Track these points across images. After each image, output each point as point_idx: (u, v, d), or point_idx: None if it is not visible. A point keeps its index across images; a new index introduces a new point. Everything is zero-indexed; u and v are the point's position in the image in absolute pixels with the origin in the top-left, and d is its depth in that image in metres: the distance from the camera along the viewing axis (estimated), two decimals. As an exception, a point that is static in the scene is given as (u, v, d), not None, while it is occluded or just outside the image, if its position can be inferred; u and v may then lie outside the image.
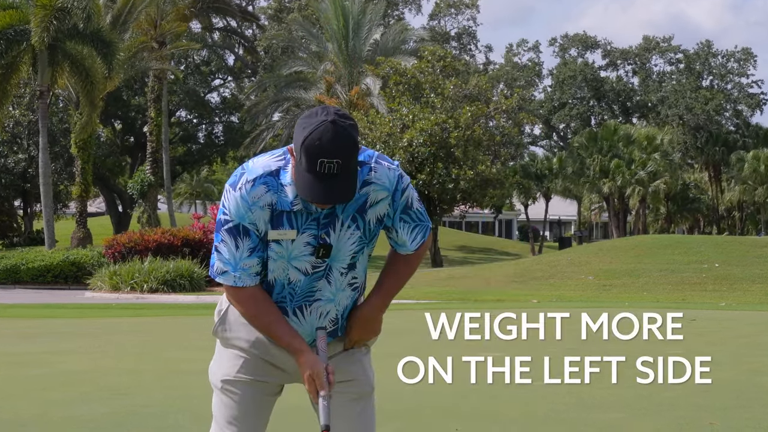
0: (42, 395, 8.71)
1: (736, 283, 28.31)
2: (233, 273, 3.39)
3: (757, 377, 9.63)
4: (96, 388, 9.11)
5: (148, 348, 13.18)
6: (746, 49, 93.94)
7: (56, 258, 34.07)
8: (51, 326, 17.04)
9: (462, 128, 44.17)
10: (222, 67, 72.60)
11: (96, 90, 39.45)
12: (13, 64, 38.50)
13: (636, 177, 72.83)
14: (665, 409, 8.39)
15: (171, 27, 49.25)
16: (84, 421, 7.40)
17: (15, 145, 57.54)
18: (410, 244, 3.48)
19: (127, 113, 63.37)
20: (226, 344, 3.57)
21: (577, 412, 8.14)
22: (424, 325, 7.34)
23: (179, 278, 29.27)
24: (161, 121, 51.51)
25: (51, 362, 11.24)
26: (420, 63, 48.32)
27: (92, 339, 14.37)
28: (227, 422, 3.51)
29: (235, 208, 3.34)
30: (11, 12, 38.02)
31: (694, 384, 7.83)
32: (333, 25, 54.54)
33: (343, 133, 3.18)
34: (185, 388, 8.67)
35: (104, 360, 11.65)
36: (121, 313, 20.83)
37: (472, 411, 8.19)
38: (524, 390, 8.53)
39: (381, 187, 3.38)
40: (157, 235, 32.36)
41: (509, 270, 33.78)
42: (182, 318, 18.82)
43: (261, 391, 3.54)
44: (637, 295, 26.23)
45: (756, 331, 14.99)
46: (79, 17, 38.04)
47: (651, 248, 34.72)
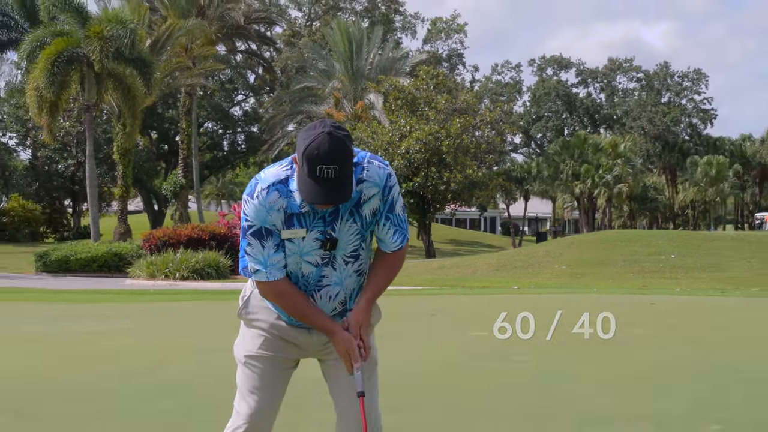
0: (91, 369, 8.74)
1: (690, 272, 28.34)
2: (264, 270, 3.39)
3: (706, 355, 9.63)
4: (137, 362, 9.15)
5: (181, 328, 13.22)
6: (698, 70, 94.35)
7: (101, 250, 34.10)
8: (96, 309, 17.06)
9: (452, 137, 44.18)
10: (244, 84, 72.66)
11: (136, 104, 39.55)
12: (65, 82, 38.53)
13: (603, 180, 72.90)
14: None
15: (201, 50, 49.31)
16: (129, 390, 7.43)
17: (65, 152, 57.61)
18: (390, 244, 3.48)
19: (162, 124, 63.39)
20: (248, 325, 3.59)
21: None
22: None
23: (207, 267, 29.29)
24: (191, 131, 51.57)
25: (97, 340, 11.28)
26: (416, 81, 48.32)
27: (132, 320, 14.40)
28: (249, 391, 3.52)
29: (256, 213, 3.34)
30: (64, 38, 38.08)
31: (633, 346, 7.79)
32: (339, 47, 54.54)
33: (339, 142, 3.19)
34: (213, 362, 8.69)
35: (143, 338, 11.68)
36: (157, 298, 20.84)
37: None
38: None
39: (372, 184, 3.38)
40: (188, 230, 32.38)
41: (493, 260, 33.80)
42: (210, 302, 18.84)
43: (279, 365, 3.55)
44: (603, 282, 26.23)
45: (707, 314, 15.00)
46: (124, 43, 38.08)
47: (616, 242, 34.75)
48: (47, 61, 37.25)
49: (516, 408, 6.64)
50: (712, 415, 6.31)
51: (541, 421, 6.22)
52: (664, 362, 8.97)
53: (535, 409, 6.64)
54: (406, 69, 54.58)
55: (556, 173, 74.54)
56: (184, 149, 52.26)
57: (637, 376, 8.14)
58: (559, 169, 74.24)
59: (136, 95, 39.15)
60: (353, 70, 53.63)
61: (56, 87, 37.68)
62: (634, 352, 9.73)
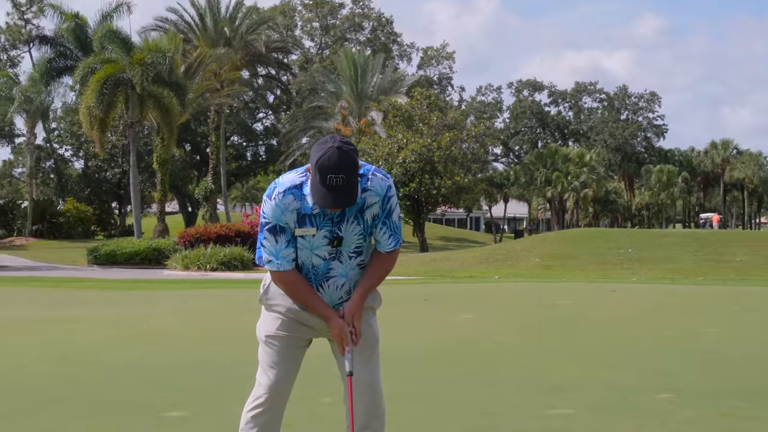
0: (135, 346, 8.77)
1: (645, 264, 28.31)
2: (276, 261, 3.39)
3: (658, 332, 9.65)
4: (175, 340, 9.17)
5: (211, 312, 13.23)
6: (652, 92, 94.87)
7: (142, 245, 34.13)
8: (139, 296, 17.09)
9: (443, 149, 44.19)
10: (264, 104, 72.57)
11: (173, 121, 39.57)
12: (112, 102, 38.57)
13: (571, 185, 72.96)
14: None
15: (227, 75, 49.32)
16: (168, 365, 7.45)
17: (112, 162, 57.64)
18: (385, 246, 3.47)
19: (195, 138, 63.39)
20: (268, 309, 3.59)
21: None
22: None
23: (233, 260, 29.31)
24: (219, 144, 51.58)
25: (140, 322, 11.31)
26: (411, 101, 48.33)
27: (169, 305, 14.43)
28: (269, 366, 3.52)
29: (272, 212, 3.35)
30: (112, 65, 38.11)
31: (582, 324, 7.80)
32: (346, 72, 54.52)
33: (346, 155, 3.19)
34: (238, 340, 8.71)
35: (179, 320, 11.69)
36: (191, 286, 20.86)
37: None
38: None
39: (374, 193, 3.38)
40: (217, 229, 32.40)
41: (477, 254, 33.81)
42: (235, 290, 18.86)
43: (294, 344, 3.55)
44: (571, 273, 26.23)
45: (659, 299, 15.01)
46: (163, 68, 38.12)
47: (582, 238, 34.76)
48: (97, 85, 37.29)
49: (495, 378, 6.66)
50: (663, 385, 6.32)
51: (517, 387, 6.24)
52: (622, 339, 8.99)
53: (512, 378, 6.66)
54: (402, 90, 54.52)
55: (531, 180, 74.56)
56: (213, 159, 52.24)
57: (599, 351, 8.16)
58: (533, 176, 74.27)
59: (173, 113, 39.16)
60: (358, 91, 53.61)
61: (105, 106, 37.73)
62: (597, 331, 9.74)
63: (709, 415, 5.27)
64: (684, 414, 5.31)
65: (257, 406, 3.49)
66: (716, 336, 9.35)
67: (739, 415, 5.28)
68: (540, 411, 5.42)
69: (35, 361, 7.74)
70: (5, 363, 7.67)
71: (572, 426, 5.00)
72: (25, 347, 8.74)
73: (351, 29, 75.67)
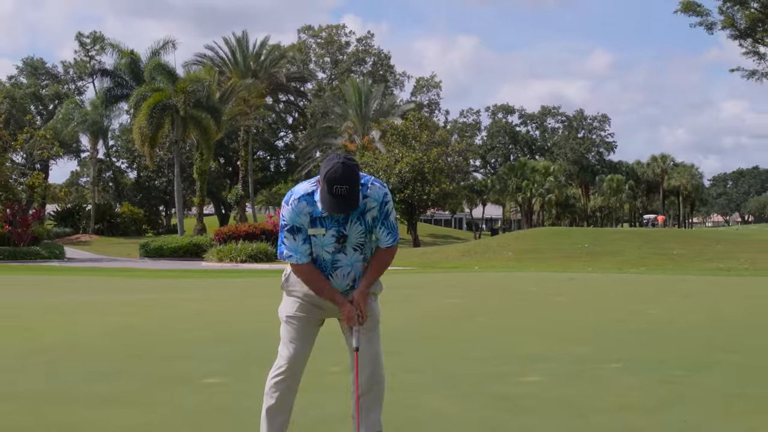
0: (174, 324, 8.74)
1: (599, 257, 28.32)
2: (295, 256, 3.38)
3: (609, 314, 9.65)
4: (209, 321, 9.15)
5: (241, 296, 13.23)
6: (604, 115, 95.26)
7: (184, 241, 34.14)
8: (181, 283, 17.08)
9: (432, 162, 44.25)
10: (284, 124, 72.45)
11: (210, 139, 39.57)
12: (160, 124, 38.58)
13: (538, 192, 72.93)
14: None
15: (254, 101, 49.22)
16: (201, 340, 7.43)
17: (160, 173, 57.66)
18: (384, 242, 3.45)
19: (227, 153, 63.30)
20: (288, 294, 3.59)
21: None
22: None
23: (259, 254, 29.35)
24: (248, 158, 51.53)
25: (180, 304, 11.29)
26: (406, 122, 48.33)
27: (205, 291, 14.42)
28: (289, 341, 3.51)
29: (289, 215, 3.34)
30: (160, 92, 38.13)
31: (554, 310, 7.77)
32: (352, 98, 54.44)
33: (349, 169, 3.18)
34: (263, 320, 8.70)
35: (214, 303, 11.66)
36: (224, 275, 20.87)
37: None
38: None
39: (373, 200, 3.37)
40: (246, 228, 32.42)
41: (460, 249, 33.82)
42: (261, 278, 18.87)
43: (310, 323, 3.54)
44: (538, 264, 26.24)
45: (610, 286, 15.01)
46: (202, 95, 38.17)
47: (547, 235, 34.74)
48: (147, 109, 37.30)
49: (476, 353, 6.64)
50: (613, 356, 6.32)
51: (495, 359, 6.23)
52: (580, 319, 8.98)
53: (490, 351, 6.64)
54: (398, 113, 54.51)
55: (504, 187, 74.54)
56: (242, 170, 52.20)
57: (562, 329, 8.15)
58: (507, 184, 74.24)
59: (210, 132, 39.17)
60: (362, 114, 53.57)
61: (153, 127, 37.76)
62: (560, 312, 9.73)
63: (650, 382, 5.28)
64: (630, 381, 5.32)
65: (279, 374, 3.48)
66: (657, 316, 9.35)
67: (675, 382, 5.29)
68: (516, 378, 5.43)
69: (101, 337, 7.72)
70: (73, 339, 7.66)
71: (542, 391, 5.01)
72: (90, 326, 8.73)
73: (356, 63, 75.68)
